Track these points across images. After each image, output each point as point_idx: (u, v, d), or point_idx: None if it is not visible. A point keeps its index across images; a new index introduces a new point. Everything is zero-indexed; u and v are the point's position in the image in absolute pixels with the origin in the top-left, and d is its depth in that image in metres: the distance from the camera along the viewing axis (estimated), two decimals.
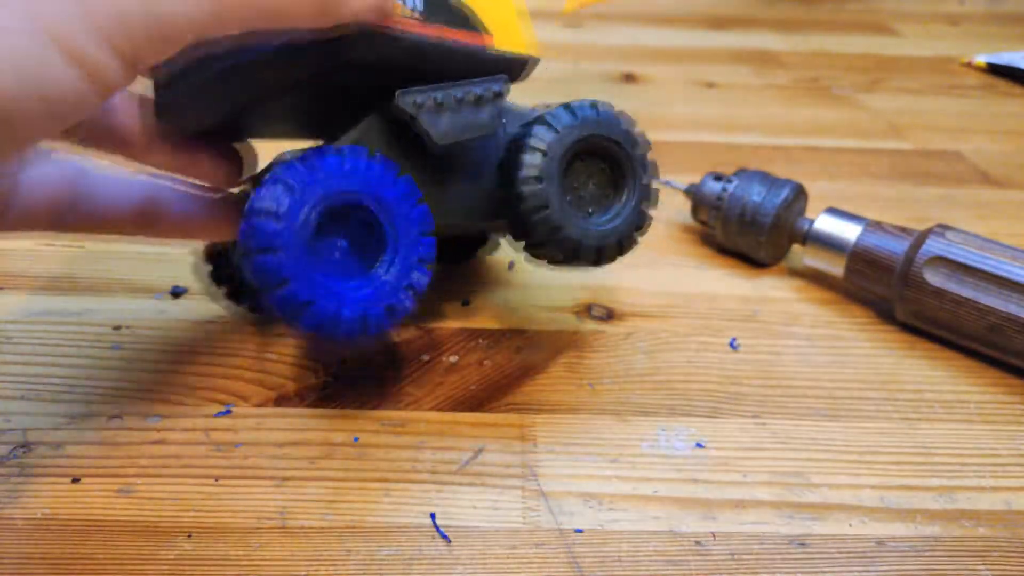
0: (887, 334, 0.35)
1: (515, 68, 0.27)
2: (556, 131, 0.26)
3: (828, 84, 0.66)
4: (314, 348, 0.31)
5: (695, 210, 0.40)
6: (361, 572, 0.23)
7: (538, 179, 0.26)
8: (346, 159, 0.23)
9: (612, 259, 0.28)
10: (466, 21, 0.25)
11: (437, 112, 0.25)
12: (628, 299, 0.36)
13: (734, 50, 0.73)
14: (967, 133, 0.57)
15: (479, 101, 0.26)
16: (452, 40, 0.25)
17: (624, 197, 0.28)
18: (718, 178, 0.39)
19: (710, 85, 0.64)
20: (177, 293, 0.35)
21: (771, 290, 0.37)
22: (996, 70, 0.70)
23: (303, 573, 0.23)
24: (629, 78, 0.65)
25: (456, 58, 0.25)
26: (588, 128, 0.27)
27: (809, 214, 0.39)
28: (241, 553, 0.23)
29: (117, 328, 0.32)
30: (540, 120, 0.27)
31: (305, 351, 0.32)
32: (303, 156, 0.23)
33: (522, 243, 0.28)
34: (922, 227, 0.35)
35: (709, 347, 0.33)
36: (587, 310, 0.35)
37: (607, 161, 0.28)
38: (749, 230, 0.37)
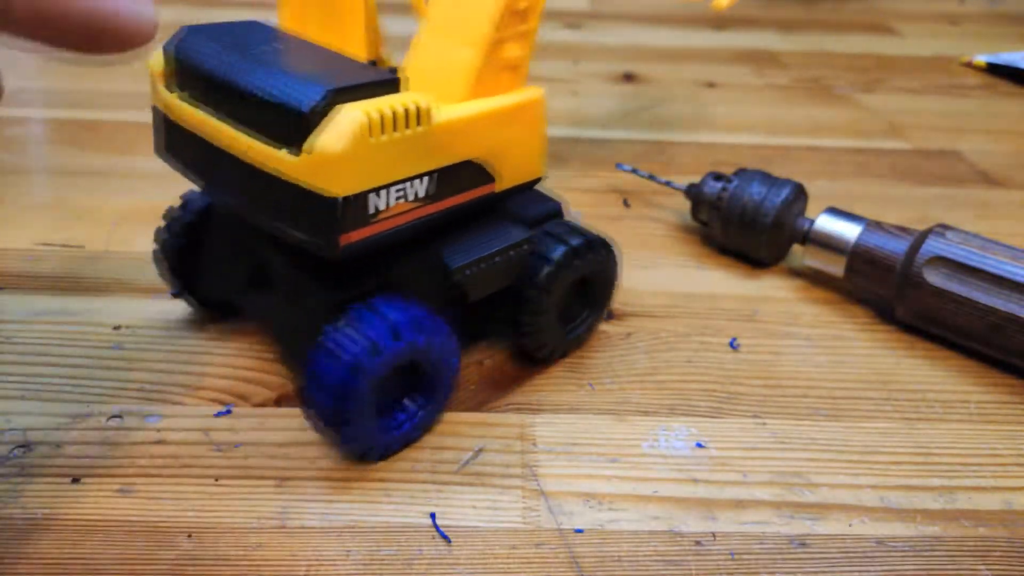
0: (887, 334, 0.35)
1: (520, 189, 0.29)
2: (559, 268, 0.29)
3: (828, 84, 0.66)
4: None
5: (695, 210, 0.40)
6: (361, 572, 0.23)
7: (538, 315, 0.30)
8: (424, 323, 0.26)
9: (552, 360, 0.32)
10: (475, 177, 0.27)
11: (479, 275, 0.28)
12: (628, 299, 0.36)
13: (734, 50, 0.73)
14: (967, 133, 0.57)
15: (511, 259, 0.29)
16: (452, 206, 0.27)
17: (586, 314, 0.32)
18: (718, 178, 0.39)
19: (710, 85, 0.64)
20: (177, 293, 0.35)
21: (771, 290, 0.37)
22: (996, 70, 0.70)
23: (303, 573, 0.23)
24: (629, 78, 0.65)
25: (463, 211, 0.27)
26: (589, 266, 0.31)
27: (809, 214, 0.39)
28: (241, 553, 0.23)
29: (117, 328, 0.32)
30: (545, 259, 0.29)
31: None
32: (384, 310, 0.25)
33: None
34: (922, 227, 0.35)
35: (709, 347, 0.33)
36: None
37: (590, 284, 0.32)
38: (749, 230, 0.37)
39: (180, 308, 0.34)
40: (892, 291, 0.34)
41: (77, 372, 0.30)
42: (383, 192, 0.24)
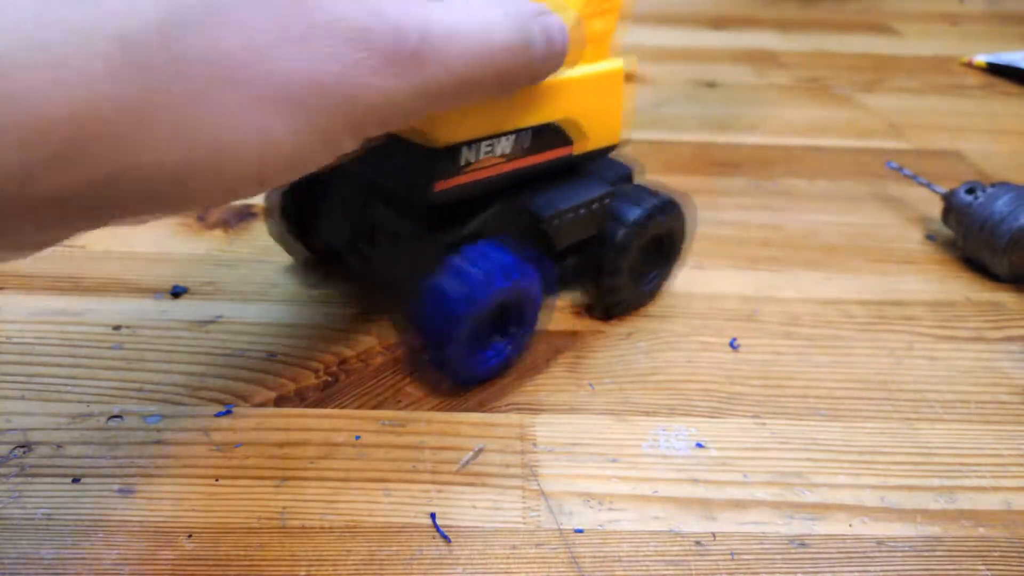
0: (887, 334, 0.35)
1: (598, 154, 0.32)
2: (635, 228, 0.32)
3: (828, 84, 0.66)
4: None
5: (945, 216, 0.40)
6: (361, 572, 0.23)
7: (616, 272, 0.32)
8: (518, 267, 0.28)
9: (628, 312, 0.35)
10: (556, 139, 0.29)
11: (565, 225, 0.31)
12: None
13: (734, 50, 0.73)
14: (967, 133, 0.57)
15: (594, 211, 0.31)
16: (534, 164, 0.29)
17: (656, 271, 0.35)
18: (971, 189, 0.39)
19: (710, 85, 0.64)
20: (177, 293, 0.35)
21: (771, 290, 0.37)
22: (996, 70, 0.70)
23: (303, 573, 0.23)
24: (629, 78, 0.65)
25: (545, 169, 0.30)
26: (661, 226, 0.33)
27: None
28: (241, 553, 0.23)
29: (117, 328, 0.32)
30: (621, 220, 0.32)
31: (306, 351, 0.32)
32: (482, 256, 0.28)
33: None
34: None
35: (709, 347, 0.33)
36: (587, 310, 0.35)
37: (662, 241, 0.34)
38: (988, 244, 0.38)
39: (180, 308, 0.34)
40: None
41: (77, 372, 0.30)
42: (474, 146, 0.27)
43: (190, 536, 0.24)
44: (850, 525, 0.25)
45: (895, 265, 0.40)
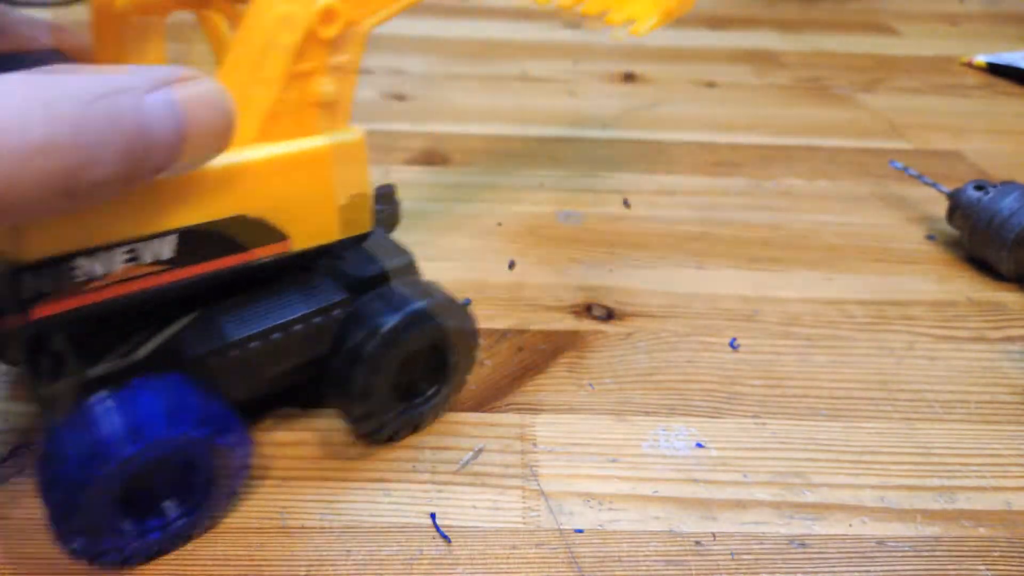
0: (887, 334, 0.35)
1: (343, 246, 0.25)
2: (394, 342, 0.25)
3: (828, 84, 0.66)
4: None
5: (950, 215, 0.40)
6: (361, 572, 0.23)
7: (366, 392, 0.25)
8: (196, 410, 0.21)
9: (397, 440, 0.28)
10: (254, 235, 0.23)
11: (267, 349, 0.24)
12: (628, 299, 0.36)
13: (734, 50, 0.73)
14: (967, 133, 0.57)
15: (316, 327, 0.25)
16: (220, 270, 0.22)
17: (435, 388, 0.28)
18: (979, 187, 0.39)
19: (710, 85, 0.64)
20: None
21: (771, 290, 0.37)
22: (996, 70, 0.70)
23: (303, 573, 0.23)
24: (629, 78, 0.65)
25: (247, 275, 0.23)
26: (429, 336, 0.26)
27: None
28: (241, 553, 0.23)
29: None
30: (369, 328, 0.25)
31: None
32: (133, 398, 0.21)
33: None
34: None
35: (709, 347, 0.33)
36: (587, 310, 0.35)
37: (436, 352, 0.27)
38: (992, 243, 0.38)
39: None
40: None
41: None
42: (100, 254, 0.20)
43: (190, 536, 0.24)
44: (850, 525, 0.25)
45: (895, 265, 0.40)
